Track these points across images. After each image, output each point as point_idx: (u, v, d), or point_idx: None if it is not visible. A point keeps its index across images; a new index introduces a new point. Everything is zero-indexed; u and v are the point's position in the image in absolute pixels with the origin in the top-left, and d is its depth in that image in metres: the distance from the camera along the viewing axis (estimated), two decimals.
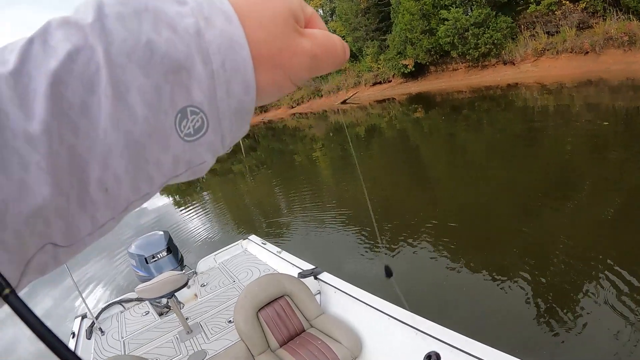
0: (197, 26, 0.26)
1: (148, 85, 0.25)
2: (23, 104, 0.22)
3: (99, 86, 0.24)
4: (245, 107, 0.28)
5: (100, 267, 8.69)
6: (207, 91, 0.26)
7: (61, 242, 0.25)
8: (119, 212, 0.27)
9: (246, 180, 15.37)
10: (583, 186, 6.44)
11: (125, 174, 0.25)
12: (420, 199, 8.01)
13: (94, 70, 0.24)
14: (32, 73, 0.23)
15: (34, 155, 0.22)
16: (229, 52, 0.27)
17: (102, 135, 0.24)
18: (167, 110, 0.25)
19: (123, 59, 0.24)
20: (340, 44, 0.33)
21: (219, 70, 0.26)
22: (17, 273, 0.24)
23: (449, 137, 12.90)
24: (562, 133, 9.71)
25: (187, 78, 0.26)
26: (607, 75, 14.59)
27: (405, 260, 5.55)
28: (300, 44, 0.30)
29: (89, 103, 0.24)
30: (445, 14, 22.15)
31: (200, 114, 0.26)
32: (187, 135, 0.26)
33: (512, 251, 5.01)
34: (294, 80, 0.31)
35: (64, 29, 0.24)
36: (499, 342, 2.50)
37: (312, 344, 3.00)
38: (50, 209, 0.23)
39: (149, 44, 0.25)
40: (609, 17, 16.73)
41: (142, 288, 3.30)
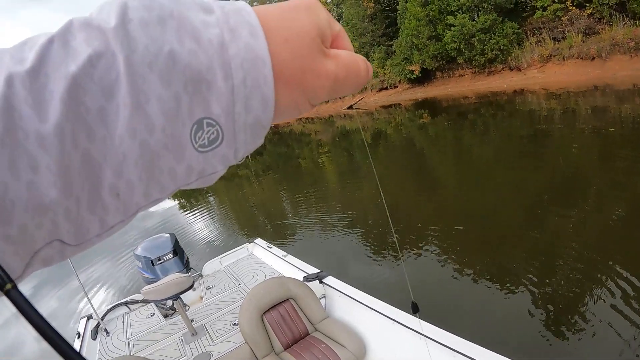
0: (221, 38, 0.26)
1: (167, 95, 0.24)
2: (37, 104, 0.22)
3: (118, 94, 0.23)
4: (261, 123, 0.28)
5: (105, 269, 8.73)
6: (225, 105, 0.26)
7: (69, 241, 0.25)
8: (128, 215, 0.27)
9: (252, 184, 15.40)
10: (589, 191, 6.42)
11: (138, 181, 0.25)
12: (426, 203, 8.00)
13: (114, 78, 0.23)
14: (50, 74, 0.23)
15: (44, 157, 0.22)
16: (252, 68, 0.26)
17: (117, 142, 0.24)
18: (184, 121, 0.25)
19: (144, 68, 0.24)
20: (364, 66, 0.33)
21: (239, 86, 0.26)
22: (21, 264, 0.24)
23: (455, 143, 12.88)
24: (569, 139, 9.68)
25: (206, 90, 0.25)
26: (614, 81, 14.54)
27: (411, 264, 5.54)
28: (324, 66, 0.29)
29: (106, 109, 0.23)
30: (452, 19, 22.20)
31: (216, 126, 0.26)
32: (201, 146, 0.26)
33: (518, 255, 4.99)
34: (313, 101, 0.31)
35: (86, 31, 0.24)
36: (505, 347, 2.50)
37: (317, 347, 3.00)
38: (58, 211, 0.23)
39: (171, 54, 0.24)
40: (615, 23, 16.72)
41: (148, 290, 3.31)
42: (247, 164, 19.07)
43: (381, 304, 3.08)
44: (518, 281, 4.43)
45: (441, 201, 7.88)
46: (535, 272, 4.52)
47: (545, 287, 4.26)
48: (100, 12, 0.25)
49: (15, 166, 0.21)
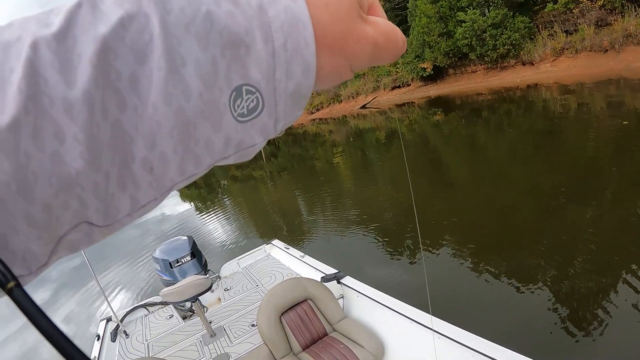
0: (260, 0, 0.25)
1: (205, 59, 0.23)
2: (65, 69, 0.21)
3: (152, 57, 0.22)
4: (302, 91, 0.27)
5: (124, 272, 8.84)
6: (265, 70, 0.25)
7: (97, 222, 0.24)
8: (162, 192, 0.25)
9: (267, 186, 15.46)
10: (607, 186, 6.32)
11: (173, 154, 0.24)
12: (441, 200, 7.95)
13: (147, 40, 0.22)
14: (79, 37, 0.21)
15: (71, 126, 0.21)
16: (292, 31, 0.25)
17: (151, 111, 0.22)
18: (222, 87, 0.24)
19: (180, 29, 0.23)
20: (401, 35, 0.32)
21: (279, 50, 0.25)
22: (46, 250, 0.23)
23: (469, 140, 12.79)
24: (584, 133, 9.55)
25: (245, 54, 0.24)
26: (628, 73, 14.31)
27: (427, 262, 5.52)
28: (364, 30, 0.28)
29: (139, 75, 0.22)
30: (463, 15, 22.03)
31: (256, 93, 0.25)
32: (240, 115, 0.25)
33: (535, 252, 4.94)
34: (354, 67, 0.30)
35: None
36: (522, 345, 2.48)
37: (335, 347, 3.00)
38: (85, 186, 0.22)
39: (209, 15, 0.23)
40: (628, 14, 16.43)
41: (167, 292, 3.35)
42: (262, 165, 19.16)
43: (399, 304, 3.07)
44: (535, 278, 4.38)
45: (456, 199, 7.83)
46: (553, 269, 4.47)
47: (563, 283, 4.21)
48: None
49: (39, 135, 0.20)
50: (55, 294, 8.92)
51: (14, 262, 0.21)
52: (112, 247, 10.33)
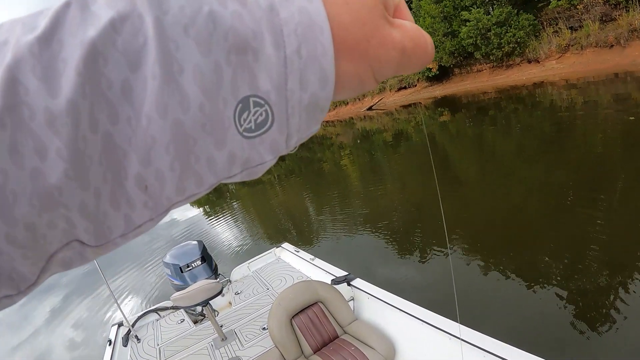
0: (271, 0, 0.22)
1: (206, 65, 0.21)
2: (48, 76, 0.19)
3: (146, 63, 0.20)
4: (319, 103, 0.24)
5: (134, 278, 8.91)
6: (276, 80, 0.22)
7: (89, 242, 0.22)
8: (158, 213, 0.23)
9: (275, 189, 15.49)
10: (616, 183, 6.26)
11: (170, 172, 0.21)
12: (449, 201, 7.93)
13: (142, 44, 0.20)
14: (65, 41, 0.19)
15: (54, 140, 0.19)
16: (307, 35, 0.22)
17: (145, 123, 0.20)
18: (226, 97, 0.21)
19: (178, 31, 0.20)
20: (430, 40, 0.28)
21: (292, 56, 0.22)
22: (35, 269, 0.21)
23: (476, 139, 12.75)
24: (592, 130, 9.49)
25: (253, 61, 0.22)
26: (634, 68, 14.22)
27: (437, 262, 5.51)
28: (390, 34, 0.25)
29: (132, 83, 0.20)
30: (467, 15, 21.99)
31: (265, 106, 0.22)
32: (247, 130, 0.22)
33: (544, 252, 4.91)
34: (378, 75, 0.26)
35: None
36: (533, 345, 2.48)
37: (346, 350, 3.00)
38: (71, 205, 0.20)
39: (212, 16, 0.21)
40: (632, 9, 16.32)
41: (178, 296, 3.37)
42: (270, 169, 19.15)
43: (410, 305, 3.07)
44: (545, 277, 4.36)
45: (465, 198, 7.81)
46: (563, 267, 4.45)
47: (573, 282, 4.18)
48: None
49: (17, 151, 0.18)
50: (65, 299, 9.00)
51: (0, 282, 0.20)
52: (122, 252, 10.40)
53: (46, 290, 9.63)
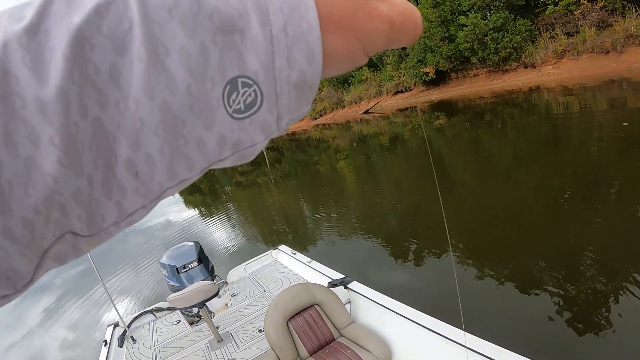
0: None
1: (192, 46, 0.20)
2: (37, 65, 0.19)
3: (133, 47, 0.20)
4: (307, 81, 0.24)
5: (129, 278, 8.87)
6: (263, 59, 0.22)
7: (82, 232, 0.22)
8: (150, 199, 0.23)
9: (271, 191, 15.48)
10: (611, 189, 6.30)
11: (159, 155, 0.21)
12: (445, 205, 7.95)
13: (127, 28, 0.20)
14: (52, 30, 0.19)
15: (46, 128, 0.19)
16: (293, 12, 0.22)
17: (133, 106, 0.20)
18: (214, 78, 0.21)
19: (162, 13, 0.20)
20: (419, 14, 0.28)
21: (279, 35, 0.22)
22: (31, 266, 0.21)
23: (473, 143, 12.79)
24: (587, 136, 9.54)
25: (240, 41, 0.21)
26: (630, 74, 14.30)
27: (432, 268, 5.52)
28: (377, 8, 0.25)
29: (120, 67, 0.20)
30: (464, 19, 22.07)
31: (253, 86, 0.22)
32: (236, 111, 0.22)
33: (539, 257, 4.93)
34: (368, 49, 0.26)
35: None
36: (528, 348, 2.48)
37: (342, 353, 3.01)
38: (66, 194, 0.20)
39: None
40: (629, 15, 16.43)
41: (174, 297, 3.36)
42: (266, 171, 19.18)
43: (406, 309, 3.08)
44: (540, 282, 4.38)
45: (460, 203, 7.83)
46: (558, 273, 4.46)
47: (570, 286, 4.19)
48: None
49: (11, 140, 0.19)
50: (60, 299, 8.95)
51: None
52: (118, 253, 10.38)
53: (40, 290, 9.57)
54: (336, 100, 35.49)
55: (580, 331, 3.60)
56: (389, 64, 29.66)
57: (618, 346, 3.36)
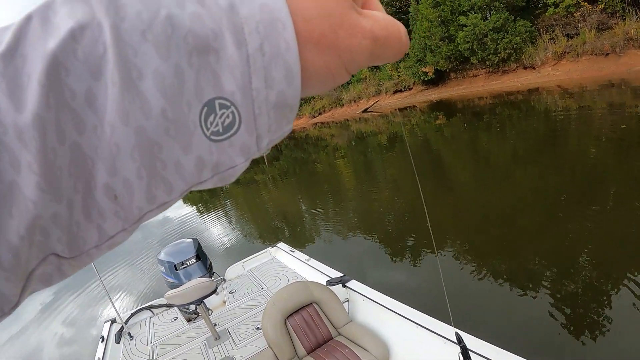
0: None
1: (166, 69, 0.20)
2: (13, 91, 0.19)
3: (107, 71, 0.20)
4: (287, 101, 0.23)
5: (126, 274, 8.86)
6: (240, 80, 0.21)
7: (64, 254, 0.22)
8: (130, 223, 0.23)
9: (269, 189, 15.47)
10: (608, 191, 6.31)
11: (137, 179, 0.21)
12: (443, 205, 7.96)
13: (102, 52, 0.20)
14: (28, 55, 0.19)
15: (24, 154, 0.19)
16: (270, 31, 0.22)
17: (108, 131, 0.20)
18: (190, 101, 0.21)
19: (136, 36, 0.20)
20: (404, 29, 0.28)
21: (255, 55, 0.21)
22: (16, 290, 0.21)
23: (471, 144, 12.80)
24: (586, 138, 9.56)
25: (215, 62, 0.21)
26: (629, 76, 14.32)
27: (429, 268, 5.52)
28: (359, 24, 0.24)
29: (95, 92, 0.20)
30: (464, 20, 22.08)
31: (231, 107, 0.22)
32: (214, 133, 0.22)
33: (536, 257, 4.94)
34: (350, 67, 0.25)
35: (69, 4, 0.20)
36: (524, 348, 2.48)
37: (340, 351, 3.00)
38: (46, 217, 0.20)
39: (169, 19, 0.20)
40: (629, 17, 16.47)
41: (172, 294, 3.35)
42: (264, 169, 19.16)
43: (405, 308, 3.07)
44: (537, 283, 4.38)
45: (459, 202, 7.84)
46: (554, 274, 4.47)
47: (562, 291, 4.20)
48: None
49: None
50: (56, 295, 8.92)
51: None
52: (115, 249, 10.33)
53: None
54: (335, 98, 35.47)
55: (577, 330, 3.60)
56: (388, 63, 29.62)
57: (613, 345, 3.37)
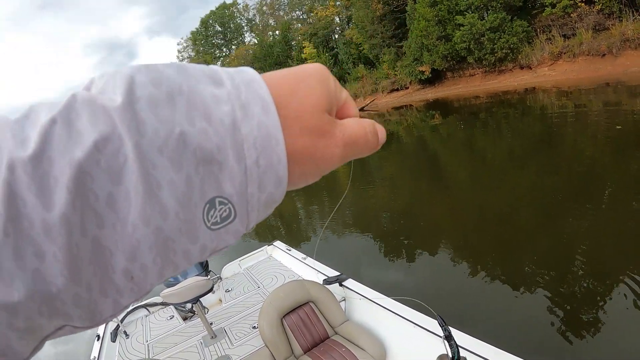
0: (233, 116, 0.25)
1: (179, 180, 0.23)
2: (42, 192, 0.21)
3: (128, 178, 0.22)
4: (275, 199, 0.28)
5: None
6: (238, 186, 0.25)
7: (80, 325, 0.24)
8: (142, 294, 0.26)
9: None
10: (603, 191, 6.33)
11: (152, 265, 0.24)
12: (439, 204, 7.96)
13: (122, 162, 0.22)
14: (54, 159, 0.21)
15: (50, 246, 0.21)
16: (265, 147, 0.25)
17: (130, 230, 0.23)
18: (196, 202, 0.24)
19: (154, 153, 0.23)
20: (372, 131, 0.33)
21: (252, 167, 0.25)
22: (28, 348, 0.23)
23: (467, 143, 12.81)
24: (582, 138, 9.61)
25: (218, 171, 0.24)
26: (625, 77, 14.37)
27: (425, 267, 5.53)
28: (333, 136, 0.29)
29: (115, 195, 0.22)
30: (461, 19, 22.12)
31: (228, 204, 0.25)
32: (214, 224, 0.25)
33: (532, 257, 4.95)
34: (323, 170, 0.30)
35: (90, 110, 0.23)
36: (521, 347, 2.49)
37: (337, 351, 3.00)
38: (67, 300, 0.22)
39: (182, 136, 0.23)
40: (625, 18, 16.53)
41: (168, 293, 3.33)
42: None
43: (401, 307, 3.07)
44: (533, 282, 4.39)
45: (454, 202, 7.85)
46: (550, 273, 4.48)
47: (558, 290, 4.21)
48: (105, 85, 0.24)
49: (20, 255, 0.21)
50: None
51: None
52: None
53: None
54: None
55: (574, 329, 3.62)
56: (385, 62, 29.66)
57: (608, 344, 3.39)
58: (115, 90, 0.23)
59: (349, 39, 35.02)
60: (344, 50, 36.13)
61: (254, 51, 48.04)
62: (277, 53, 44.82)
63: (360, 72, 33.23)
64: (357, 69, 33.91)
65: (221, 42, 59.65)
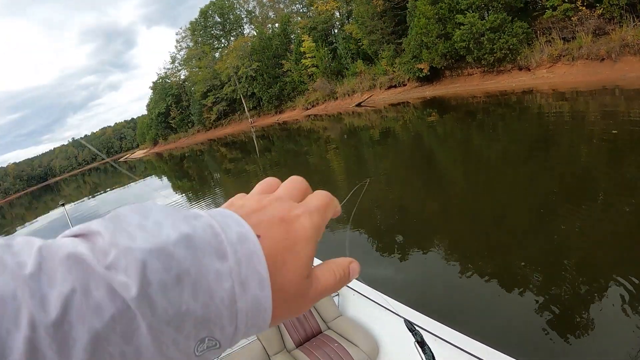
0: (232, 292, 0.29)
1: (182, 340, 0.27)
2: (61, 350, 0.23)
3: (139, 341, 0.26)
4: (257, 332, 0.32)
5: None
6: (228, 337, 0.30)
7: None
8: None
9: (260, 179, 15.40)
10: (597, 193, 6.36)
11: None
12: (433, 202, 7.98)
13: (135, 328, 0.25)
14: (74, 324, 0.24)
15: None
16: (255, 316, 0.30)
17: None
18: (191, 345, 0.28)
19: (163, 325, 0.26)
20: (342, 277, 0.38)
21: (241, 327, 0.30)
22: None
23: (463, 142, 12.83)
24: (577, 141, 9.62)
25: (212, 326, 0.28)
26: (623, 82, 14.37)
27: (417, 264, 5.53)
28: (307, 296, 0.35)
29: (126, 352, 0.25)
30: (461, 18, 22.08)
31: (216, 343, 0.29)
32: (201, 351, 0.29)
33: (524, 256, 4.96)
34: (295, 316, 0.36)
35: (107, 289, 0.25)
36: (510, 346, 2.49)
37: (329, 345, 2.99)
38: None
39: (187, 311, 0.27)
40: (626, 24, 16.52)
41: None
42: (255, 159, 19.08)
43: (395, 303, 3.06)
44: (524, 281, 4.41)
45: (448, 201, 7.86)
46: (542, 273, 4.49)
47: (550, 291, 4.22)
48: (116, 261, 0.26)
49: None
50: None
51: None
52: None
53: None
54: (329, 91, 35.41)
55: (564, 328, 3.63)
56: (384, 58, 29.61)
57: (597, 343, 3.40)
58: (129, 273, 0.26)
59: (348, 34, 34.91)
60: (343, 45, 35.99)
61: (253, 43, 47.77)
62: (276, 46, 44.64)
63: (359, 68, 33.14)
64: (356, 64, 33.83)
65: (220, 33, 59.33)
